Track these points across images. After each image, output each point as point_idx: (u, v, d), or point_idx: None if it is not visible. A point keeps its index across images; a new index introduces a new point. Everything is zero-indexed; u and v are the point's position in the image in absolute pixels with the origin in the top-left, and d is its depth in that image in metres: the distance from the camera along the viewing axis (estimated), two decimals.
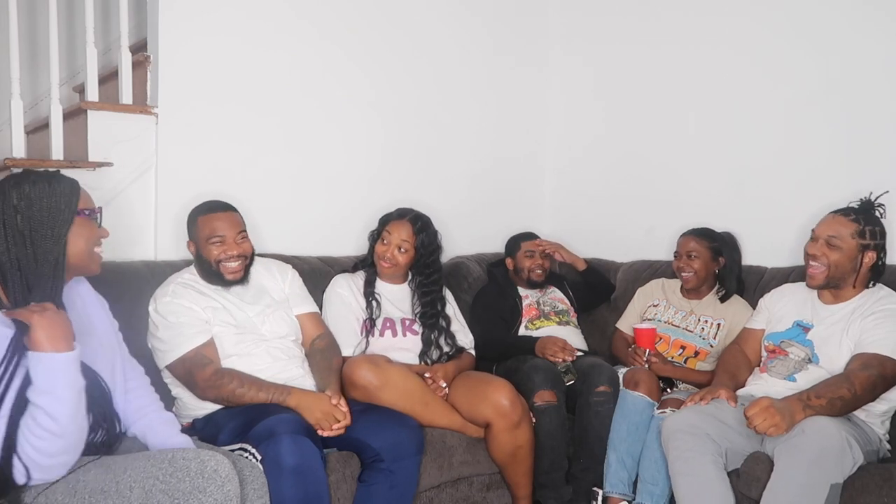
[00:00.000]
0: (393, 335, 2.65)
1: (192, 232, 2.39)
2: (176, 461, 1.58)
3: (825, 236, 2.30)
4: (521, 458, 2.48)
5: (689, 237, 2.86)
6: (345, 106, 3.14)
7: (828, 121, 2.84)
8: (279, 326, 2.41)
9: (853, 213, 2.31)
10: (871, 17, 2.73)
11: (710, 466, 2.12)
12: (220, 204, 2.40)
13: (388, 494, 2.17)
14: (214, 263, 2.33)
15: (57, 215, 1.66)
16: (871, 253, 2.27)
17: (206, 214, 2.36)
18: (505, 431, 2.42)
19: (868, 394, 2.12)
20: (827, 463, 1.96)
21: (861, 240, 2.27)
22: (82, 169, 2.59)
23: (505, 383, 2.48)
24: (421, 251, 2.70)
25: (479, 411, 2.44)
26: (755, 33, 3.05)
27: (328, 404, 2.19)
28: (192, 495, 1.55)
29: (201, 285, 2.37)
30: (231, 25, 2.83)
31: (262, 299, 2.43)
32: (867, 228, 2.27)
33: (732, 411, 2.22)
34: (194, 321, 2.26)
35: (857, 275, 2.29)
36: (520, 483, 2.52)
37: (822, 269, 2.30)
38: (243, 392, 2.20)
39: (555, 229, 3.72)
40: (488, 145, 3.60)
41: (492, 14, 3.59)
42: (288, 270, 2.58)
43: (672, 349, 2.82)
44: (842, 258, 2.28)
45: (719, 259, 2.85)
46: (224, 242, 2.33)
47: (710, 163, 3.21)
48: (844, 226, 2.28)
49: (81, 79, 3.02)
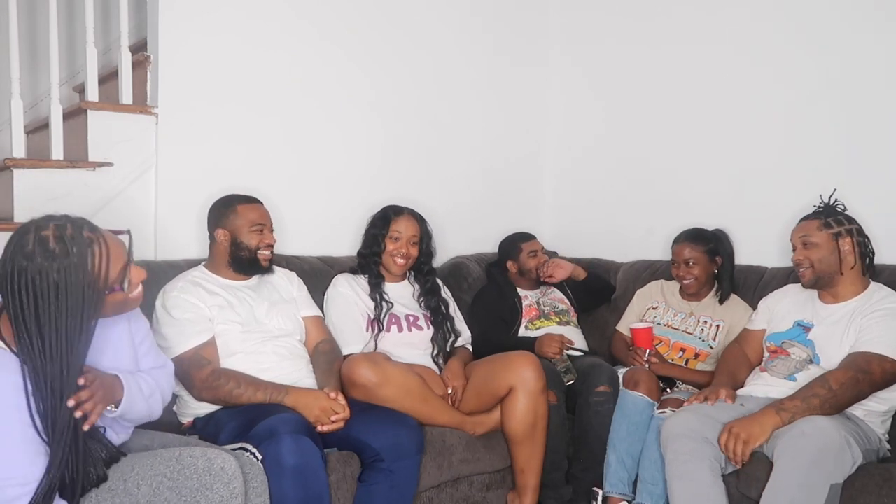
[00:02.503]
0: (399, 331, 2.67)
1: (226, 220, 2.41)
2: (183, 459, 1.59)
3: (799, 240, 2.37)
4: (538, 435, 2.46)
5: (684, 244, 2.84)
6: (345, 106, 3.14)
7: (828, 121, 2.85)
8: (285, 323, 2.43)
9: (813, 214, 2.40)
10: (870, 17, 2.74)
11: (706, 472, 2.13)
12: (254, 196, 2.49)
13: (389, 494, 2.17)
14: (254, 250, 2.39)
15: (84, 297, 1.50)
16: (845, 239, 2.32)
17: (246, 203, 2.44)
18: (528, 397, 2.42)
19: (849, 391, 2.12)
20: (826, 463, 1.96)
21: (829, 230, 2.33)
22: (82, 169, 2.59)
23: (529, 354, 2.51)
24: (425, 240, 2.79)
25: (503, 379, 2.45)
26: (756, 34, 3.05)
27: (326, 400, 2.20)
28: (200, 492, 1.56)
29: (211, 283, 2.39)
30: (231, 25, 2.83)
31: (270, 296, 2.46)
32: (829, 219, 2.34)
33: (731, 413, 2.23)
34: (197, 319, 2.27)
35: (843, 264, 2.32)
36: (531, 468, 2.48)
37: (807, 270, 2.35)
38: (240, 393, 2.20)
39: (555, 229, 3.73)
40: (488, 145, 3.61)
41: (492, 14, 3.59)
42: (294, 277, 2.63)
43: (672, 352, 2.82)
44: (821, 253, 2.32)
45: (716, 259, 2.85)
46: (263, 231, 2.42)
47: (709, 163, 3.21)
48: (810, 224, 2.37)
49: (81, 79, 3.02)
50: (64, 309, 1.47)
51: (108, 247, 1.55)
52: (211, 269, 2.45)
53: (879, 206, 2.59)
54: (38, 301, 1.45)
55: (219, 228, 2.42)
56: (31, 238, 1.48)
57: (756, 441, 2.08)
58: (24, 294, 1.45)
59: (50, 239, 1.48)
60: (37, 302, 1.45)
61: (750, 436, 2.08)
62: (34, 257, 1.46)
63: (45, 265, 1.46)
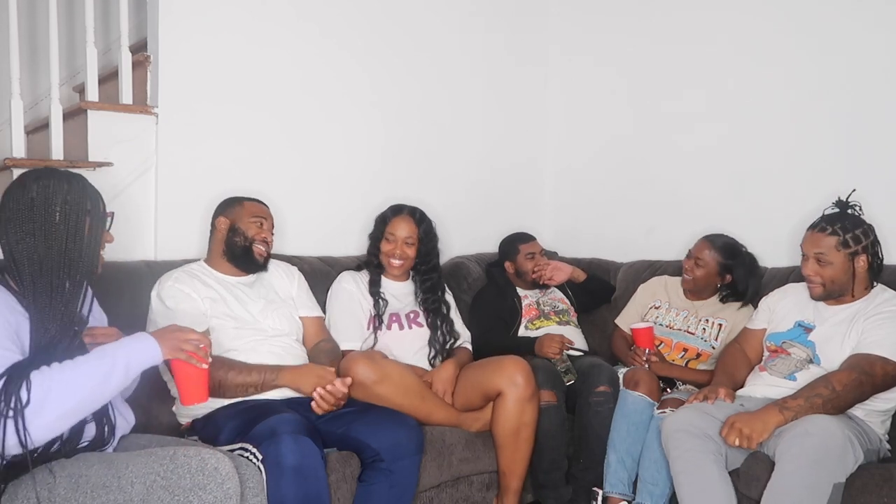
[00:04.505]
0: (399, 328, 2.69)
1: (230, 210, 2.47)
2: (177, 458, 1.60)
3: (812, 254, 2.29)
4: (522, 441, 2.46)
5: (707, 243, 2.81)
6: (345, 106, 3.14)
7: (829, 121, 2.85)
8: (281, 323, 2.43)
9: (828, 224, 2.27)
10: (876, 16, 2.74)
11: (713, 466, 2.12)
12: (262, 201, 2.57)
13: (388, 494, 2.17)
14: (250, 239, 2.42)
15: (71, 213, 1.68)
16: (861, 257, 2.26)
17: (253, 202, 2.52)
18: (516, 402, 2.42)
19: (852, 392, 2.12)
20: (829, 462, 1.96)
21: (846, 249, 2.25)
22: (82, 169, 2.59)
23: (521, 360, 2.50)
24: (424, 240, 2.77)
25: (492, 382, 2.45)
26: (758, 33, 3.05)
27: (318, 369, 2.25)
28: (193, 492, 1.56)
29: (207, 276, 2.41)
30: (231, 25, 2.83)
31: (266, 295, 2.47)
32: (848, 237, 2.25)
33: (730, 412, 2.22)
34: (190, 310, 2.27)
35: (855, 281, 2.28)
36: (513, 472, 2.48)
37: (818, 286, 2.31)
38: (233, 377, 2.20)
39: (555, 229, 3.73)
40: (489, 145, 3.61)
41: (493, 14, 3.60)
42: (295, 272, 2.64)
43: (674, 352, 2.81)
44: (835, 272, 2.27)
45: (726, 276, 2.81)
46: (263, 226, 2.47)
47: (709, 163, 3.21)
48: (827, 241, 2.26)
49: (81, 79, 3.02)
50: (73, 230, 1.67)
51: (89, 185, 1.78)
52: (209, 263, 2.47)
53: (881, 206, 2.58)
54: (65, 216, 1.66)
55: (220, 216, 2.47)
56: (31, 175, 1.70)
57: (758, 437, 2.07)
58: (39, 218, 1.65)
59: (59, 170, 1.73)
60: (65, 218, 1.66)
61: (752, 431, 2.07)
62: (60, 181, 1.69)
63: (57, 186, 1.68)
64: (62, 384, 1.53)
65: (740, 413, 2.15)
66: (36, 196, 1.66)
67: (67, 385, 1.54)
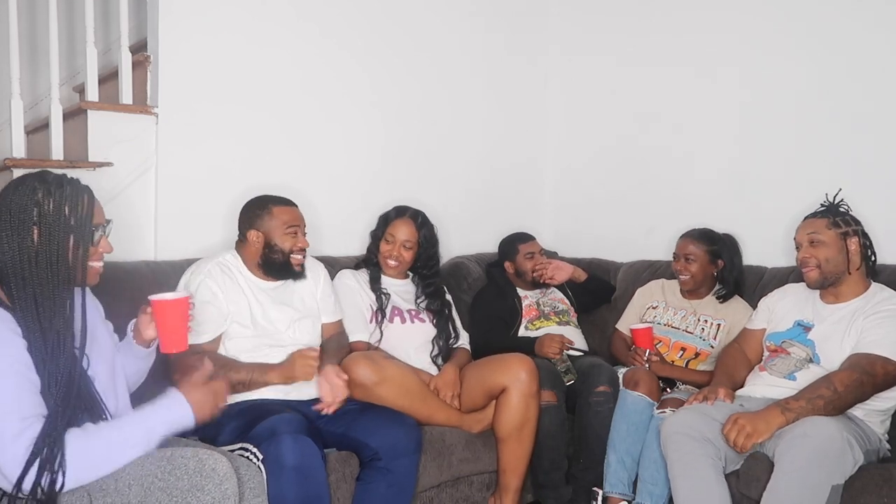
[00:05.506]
0: (402, 322, 2.70)
1: (259, 221, 2.35)
2: (175, 459, 1.59)
3: (805, 237, 2.35)
4: (525, 437, 2.46)
5: (688, 240, 2.86)
6: (346, 106, 3.14)
7: (829, 121, 2.85)
8: (302, 336, 2.39)
9: (819, 213, 2.39)
10: (874, 18, 2.74)
11: (710, 470, 2.12)
12: (288, 198, 2.44)
13: (386, 493, 2.17)
14: (287, 253, 2.35)
15: (53, 232, 1.61)
16: (853, 239, 2.32)
17: (281, 205, 2.39)
18: (521, 397, 2.42)
19: (853, 392, 2.12)
20: (828, 464, 1.96)
21: (837, 228, 2.32)
22: (82, 169, 2.59)
23: (525, 357, 2.51)
24: (424, 245, 2.77)
25: (496, 379, 2.46)
26: (757, 34, 3.05)
27: (299, 354, 2.22)
28: (191, 493, 1.55)
29: (239, 275, 2.35)
30: (231, 25, 2.83)
31: (292, 302, 2.42)
32: (837, 218, 2.34)
33: (730, 413, 2.22)
34: (210, 317, 2.24)
35: (849, 262, 2.31)
36: (514, 469, 2.48)
37: (814, 269, 2.33)
38: (223, 374, 2.15)
39: (555, 229, 3.73)
40: (489, 146, 3.61)
41: (493, 14, 3.59)
42: (321, 271, 2.56)
43: (672, 351, 2.81)
44: (828, 251, 2.31)
45: (718, 262, 2.85)
46: (297, 234, 2.37)
47: (709, 163, 3.21)
48: (818, 222, 2.35)
49: (81, 79, 3.01)
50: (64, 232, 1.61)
51: (92, 196, 1.70)
52: (242, 260, 2.39)
53: (880, 206, 2.59)
54: (41, 227, 1.59)
55: (251, 230, 2.35)
56: (30, 179, 1.64)
57: (760, 436, 2.08)
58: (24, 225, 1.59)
59: (47, 176, 1.66)
60: (40, 228, 1.59)
61: (755, 430, 2.08)
62: (38, 189, 1.61)
63: (53, 192, 1.62)
64: (98, 459, 1.56)
65: (743, 412, 2.15)
66: (14, 208, 1.59)
67: (103, 461, 1.57)
